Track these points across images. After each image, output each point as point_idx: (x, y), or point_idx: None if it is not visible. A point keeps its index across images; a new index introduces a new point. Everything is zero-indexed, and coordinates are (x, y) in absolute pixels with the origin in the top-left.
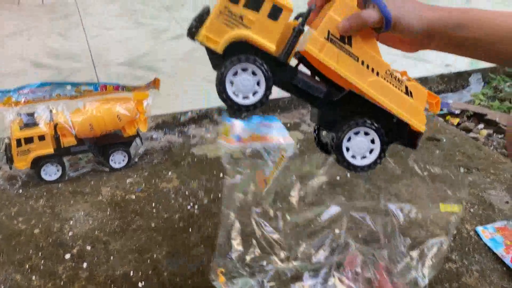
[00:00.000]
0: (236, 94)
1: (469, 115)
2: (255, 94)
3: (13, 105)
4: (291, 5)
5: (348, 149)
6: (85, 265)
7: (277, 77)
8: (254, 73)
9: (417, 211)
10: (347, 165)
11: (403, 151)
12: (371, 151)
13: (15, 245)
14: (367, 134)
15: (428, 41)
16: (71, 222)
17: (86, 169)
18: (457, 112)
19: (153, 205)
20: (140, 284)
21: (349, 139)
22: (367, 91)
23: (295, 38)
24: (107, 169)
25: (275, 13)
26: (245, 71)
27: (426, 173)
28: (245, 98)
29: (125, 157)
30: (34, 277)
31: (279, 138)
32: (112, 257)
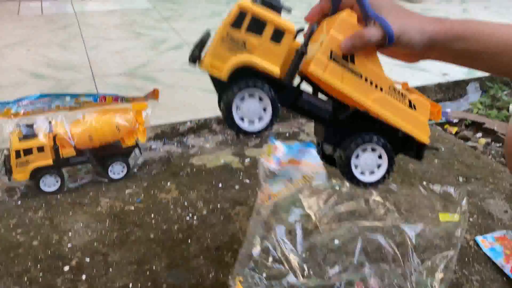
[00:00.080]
0: (242, 119)
1: (467, 124)
2: (261, 119)
3: (12, 116)
4: (293, 27)
5: (356, 166)
6: (84, 277)
7: (282, 99)
8: (260, 99)
9: (424, 226)
10: (356, 182)
11: (402, 160)
12: (379, 166)
13: (13, 257)
14: (374, 150)
15: (429, 53)
16: (70, 233)
17: (85, 180)
18: (455, 121)
19: (152, 216)
20: None
21: (357, 156)
22: (371, 108)
23: (298, 60)
24: (106, 180)
25: (278, 37)
26: (251, 96)
27: (425, 183)
28: (251, 123)
29: (124, 167)
30: None
31: (312, 164)
32: (111, 269)
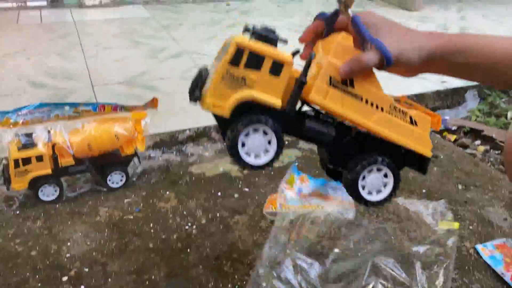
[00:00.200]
0: (248, 154)
1: (466, 131)
2: (266, 152)
3: (11, 126)
4: (291, 58)
5: (363, 187)
6: (82, 287)
7: (286, 128)
8: (265, 133)
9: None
10: (365, 203)
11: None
12: (386, 185)
13: (12, 268)
14: (379, 170)
15: (427, 68)
16: (69, 243)
17: (84, 189)
18: (454, 128)
19: (151, 225)
20: None
21: (363, 178)
22: (373, 128)
23: (298, 90)
24: (105, 189)
25: (277, 69)
26: (256, 131)
27: (424, 191)
28: (257, 157)
29: (123, 176)
30: None
31: (342, 201)
32: (110, 279)
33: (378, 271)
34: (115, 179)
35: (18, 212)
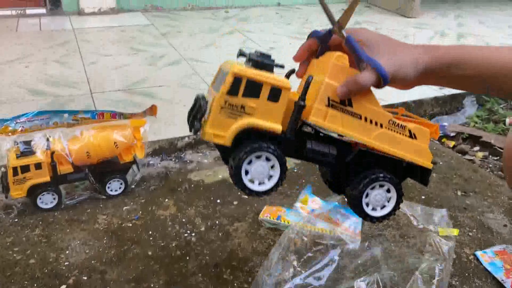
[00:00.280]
0: (252, 181)
1: (465, 137)
2: (270, 178)
3: (10, 134)
4: (289, 83)
5: (367, 204)
6: None
7: (287, 151)
8: (268, 159)
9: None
10: (370, 219)
11: None
12: (389, 200)
13: (10, 276)
14: (382, 186)
15: (424, 81)
16: (67, 251)
17: (82, 197)
18: (453, 134)
19: (150, 233)
20: None
21: (367, 195)
22: (374, 145)
23: (298, 114)
24: (103, 197)
25: (275, 95)
26: (258, 158)
27: (423, 197)
28: (261, 184)
29: (121, 184)
30: None
31: (349, 229)
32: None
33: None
34: (114, 187)
35: (16, 220)
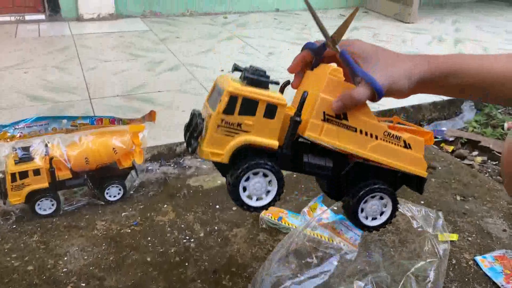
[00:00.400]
0: (249, 197)
1: (463, 142)
2: (268, 193)
3: (9, 140)
4: (284, 100)
5: (364, 216)
6: None
7: (284, 166)
8: (265, 175)
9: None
10: (366, 229)
11: None
12: (385, 208)
13: (8, 283)
14: (377, 196)
15: (419, 90)
16: (66, 258)
17: (81, 203)
18: (451, 139)
19: (149, 239)
20: None
21: (362, 210)
22: (370, 156)
23: (293, 130)
24: (102, 203)
25: (271, 112)
26: (256, 174)
27: (422, 202)
28: (259, 199)
29: (120, 190)
30: None
31: (349, 240)
32: None
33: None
34: (113, 192)
35: (14, 226)
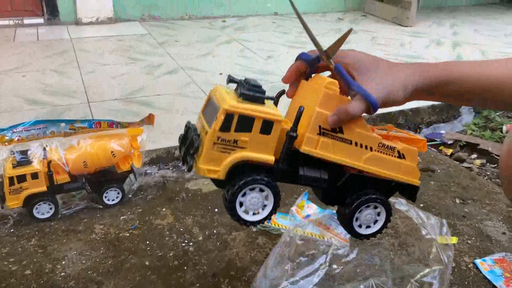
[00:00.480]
0: (246, 212)
1: (462, 145)
2: (264, 207)
3: (7, 143)
4: (281, 115)
5: (358, 223)
6: None
7: (280, 178)
8: (261, 190)
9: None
10: (359, 237)
11: None
12: (378, 219)
13: None
14: (371, 206)
15: (415, 98)
16: (64, 262)
17: (79, 207)
18: (450, 142)
19: (147, 242)
20: None
21: (357, 219)
22: (365, 168)
23: (290, 144)
24: (100, 206)
25: (267, 128)
26: (252, 190)
27: (422, 205)
28: (256, 214)
29: (118, 193)
30: None
31: (339, 235)
32: None
33: None
34: (111, 196)
35: (12, 230)
